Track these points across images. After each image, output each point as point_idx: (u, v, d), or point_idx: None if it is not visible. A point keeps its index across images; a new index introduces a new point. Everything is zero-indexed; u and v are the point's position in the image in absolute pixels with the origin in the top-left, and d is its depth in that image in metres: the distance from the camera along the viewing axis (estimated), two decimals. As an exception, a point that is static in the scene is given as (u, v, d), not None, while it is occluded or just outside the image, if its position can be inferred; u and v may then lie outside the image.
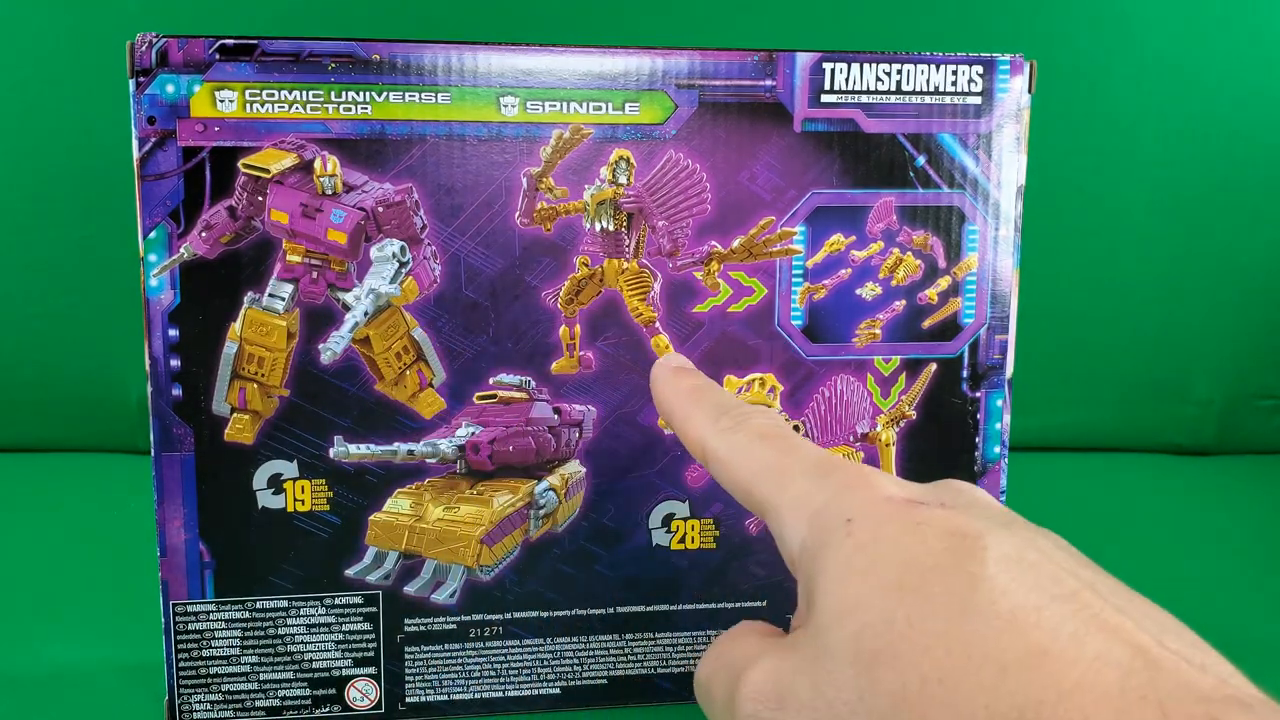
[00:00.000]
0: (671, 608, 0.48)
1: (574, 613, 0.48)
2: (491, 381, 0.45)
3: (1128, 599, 0.23)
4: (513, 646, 0.47)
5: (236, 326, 0.43)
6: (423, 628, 0.47)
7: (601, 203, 0.45)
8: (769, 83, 0.45)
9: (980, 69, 0.46)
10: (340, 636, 0.46)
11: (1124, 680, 0.20)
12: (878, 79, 0.45)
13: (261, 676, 0.46)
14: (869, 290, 0.47)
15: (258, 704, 0.46)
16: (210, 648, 0.45)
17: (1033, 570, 0.23)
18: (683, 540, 0.48)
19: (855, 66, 0.45)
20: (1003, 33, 0.80)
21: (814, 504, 0.26)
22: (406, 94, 0.43)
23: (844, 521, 0.25)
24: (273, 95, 0.42)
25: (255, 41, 0.42)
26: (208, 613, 0.45)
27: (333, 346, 0.44)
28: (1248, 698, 0.20)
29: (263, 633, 0.46)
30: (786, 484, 0.27)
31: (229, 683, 0.46)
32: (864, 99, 0.45)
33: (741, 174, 0.45)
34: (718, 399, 0.33)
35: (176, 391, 0.44)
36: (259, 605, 0.46)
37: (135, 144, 0.42)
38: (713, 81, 0.44)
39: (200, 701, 0.46)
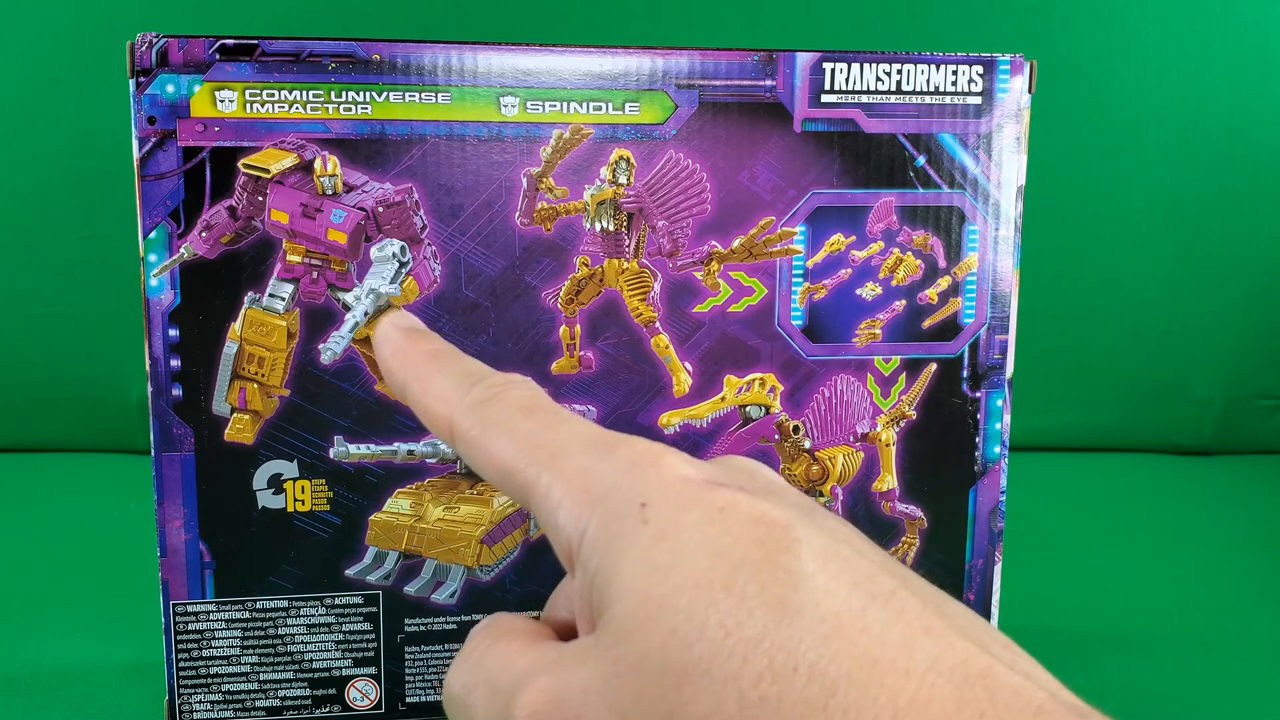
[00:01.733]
0: (671, 608, 0.48)
1: (574, 613, 0.48)
2: (491, 381, 0.45)
3: (942, 600, 0.21)
4: (513, 646, 0.47)
5: (236, 326, 0.43)
6: (423, 628, 0.47)
7: (601, 203, 0.45)
8: (769, 83, 0.45)
9: (980, 69, 0.46)
10: (340, 636, 0.46)
11: (960, 694, 0.18)
12: (878, 79, 0.45)
13: (261, 676, 0.46)
14: (869, 290, 0.47)
15: (258, 704, 0.46)
16: (210, 648, 0.45)
17: (849, 567, 0.20)
18: (683, 540, 0.48)
19: (855, 66, 0.45)
20: (1003, 33, 0.80)
21: (599, 484, 0.22)
22: (406, 94, 0.43)
23: (638, 506, 0.21)
24: (273, 95, 0.42)
25: (255, 41, 0.42)
26: (208, 613, 0.45)
27: (333, 346, 0.44)
28: (1080, 709, 0.19)
29: (263, 633, 0.46)
30: (559, 462, 0.23)
31: (229, 683, 0.46)
32: (864, 99, 0.45)
33: (741, 174, 0.45)
34: (464, 366, 0.28)
35: (176, 391, 0.44)
36: (259, 605, 0.46)
37: (135, 144, 0.42)
38: (713, 81, 0.44)
39: (200, 701, 0.46)
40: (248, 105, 0.42)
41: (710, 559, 0.20)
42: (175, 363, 0.43)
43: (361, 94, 0.43)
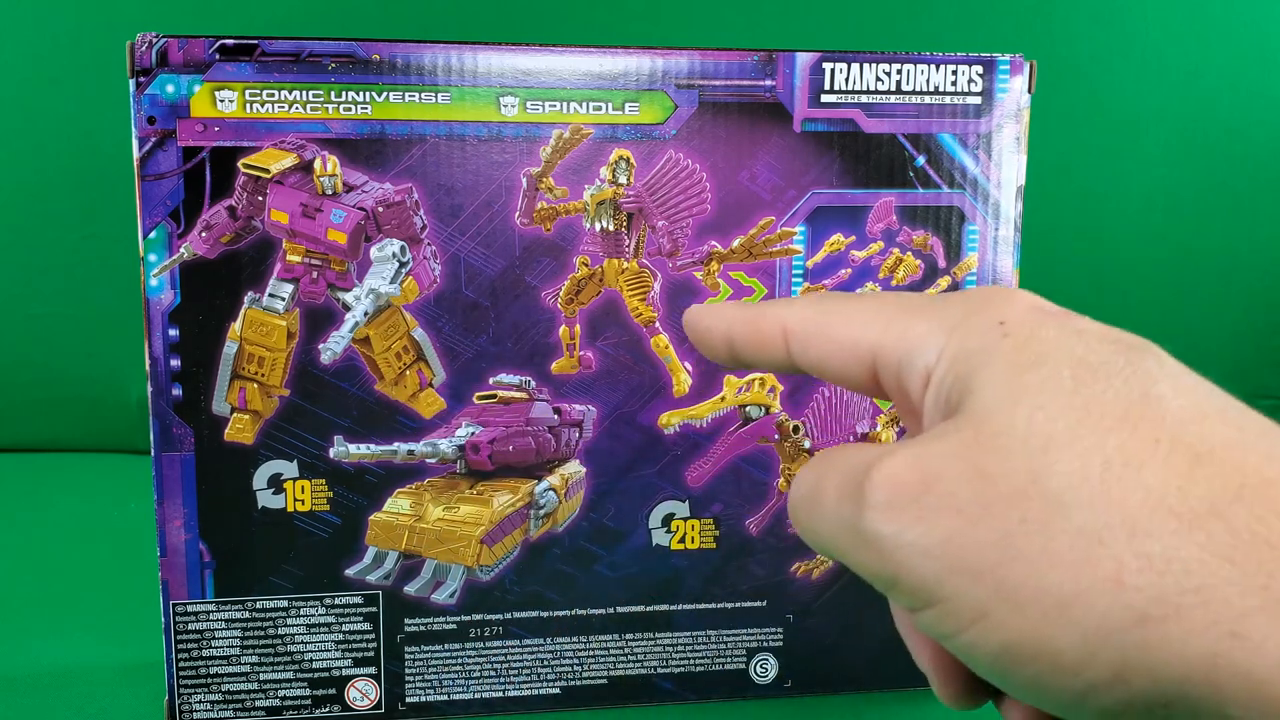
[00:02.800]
0: (671, 608, 0.48)
1: (574, 613, 0.48)
2: (491, 381, 0.45)
3: None
4: (513, 646, 0.47)
5: (236, 326, 0.43)
6: (423, 628, 0.47)
7: (601, 203, 0.45)
8: (769, 83, 0.45)
9: (980, 69, 0.46)
10: (340, 636, 0.46)
11: None
12: (878, 79, 0.45)
13: (261, 676, 0.46)
14: (869, 290, 0.47)
15: (258, 704, 0.46)
16: (210, 648, 0.45)
17: (1203, 384, 0.21)
18: (683, 540, 0.48)
19: (855, 66, 0.45)
20: (1003, 33, 0.80)
21: (950, 320, 0.23)
22: (406, 94, 0.43)
23: (996, 324, 0.22)
24: (273, 95, 0.42)
25: (255, 41, 0.42)
26: (208, 613, 0.45)
27: (333, 346, 0.44)
28: None
29: (263, 633, 0.46)
30: (907, 317, 0.24)
31: (229, 683, 0.46)
32: (864, 99, 0.45)
33: (741, 174, 0.45)
34: (784, 298, 0.28)
35: (176, 391, 0.44)
36: (259, 605, 0.45)
37: (135, 144, 0.42)
38: (713, 81, 0.44)
39: (200, 701, 0.46)
40: (248, 105, 0.42)
41: (1071, 360, 0.21)
42: (175, 363, 0.43)
43: (361, 94, 0.43)
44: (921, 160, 0.46)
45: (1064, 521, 0.19)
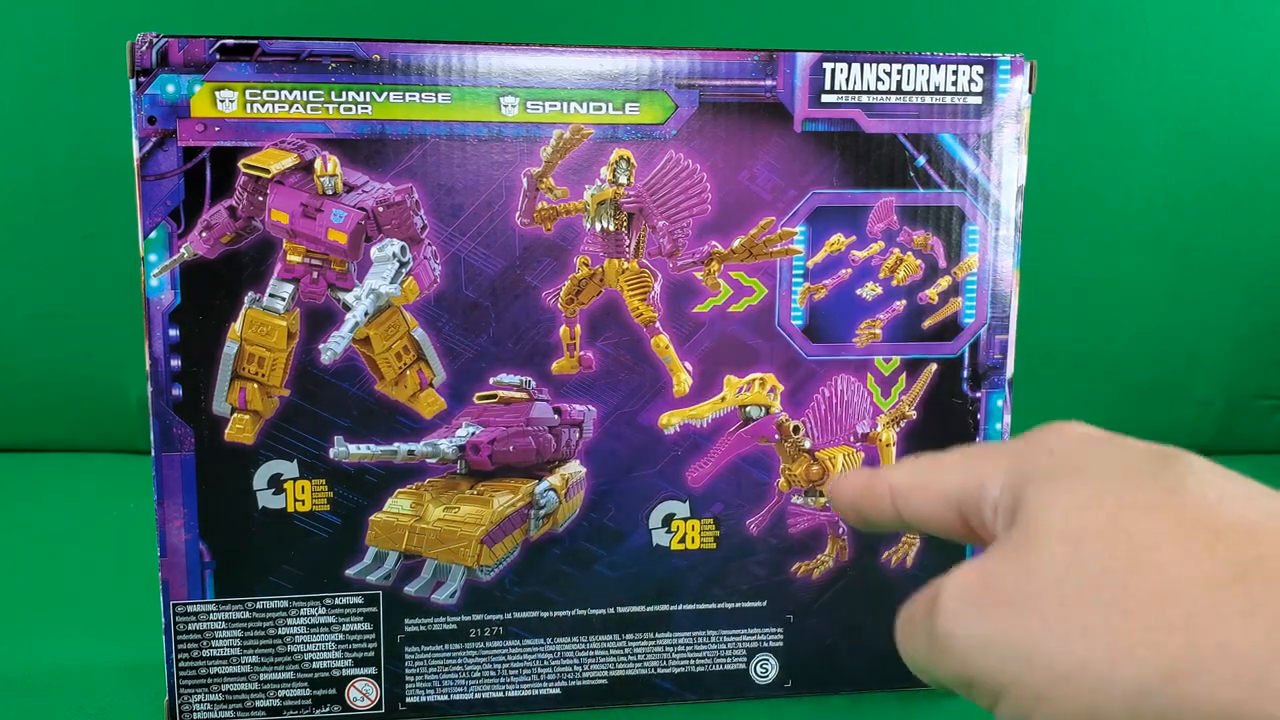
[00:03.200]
0: (671, 608, 0.48)
1: (574, 613, 0.48)
2: (491, 381, 0.45)
3: None
4: (513, 646, 0.47)
5: (237, 326, 0.43)
6: (423, 628, 0.47)
7: (602, 203, 0.45)
8: (769, 83, 0.45)
9: (980, 69, 0.46)
10: (340, 636, 0.46)
11: None
12: (878, 79, 0.45)
13: (261, 676, 0.46)
14: (869, 290, 0.47)
15: (258, 704, 0.46)
16: (210, 648, 0.45)
17: (1235, 479, 0.23)
18: (683, 540, 0.48)
19: (855, 66, 0.45)
20: (1003, 33, 0.80)
21: (1010, 454, 0.26)
22: (406, 94, 0.43)
23: (1046, 452, 0.25)
24: (273, 95, 0.42)
25: (255, 41, 0.42)
26: (208, 613, 0.45)
27: (333, 346, 0.44)
28: None
29: (263, 633, 0.46)
30: (978, 461, 0.27)
31: (229, 683, 0.46)
32: (864, 99, 0.45)
33: (741, 174, 0.45)
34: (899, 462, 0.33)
35: (176, 391, 0.44)
36: (259, 605, 0.45)
37: (135, 144, 0.42)
38: (713, 81, 0.44)
39: (200, 701, 0.46)
40: (248, 105, 0.42)
41: (1107, 466, 0.24)
42: (175, 363, 0.43)
43: (361, 94, 0.43)
44: (922, 160, 0.46)
45: (1097, 599, 0.21)
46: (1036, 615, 0.22)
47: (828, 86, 0.45)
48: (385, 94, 0.43)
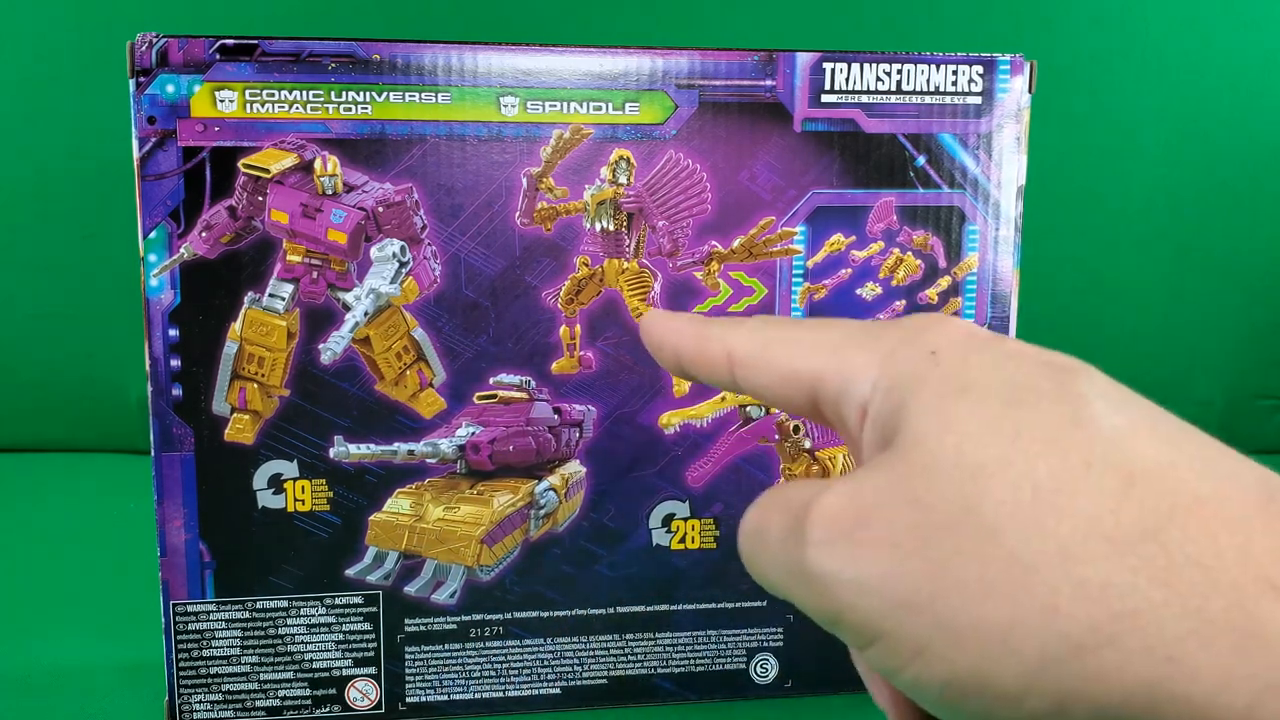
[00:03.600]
0: (671, 608, 0.48)
1: (574, 613, 0.48)
2: (491, 381, 0.45)
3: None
4: (513, 646, 0.47)
5: (236, 326, 0.43)
6: (423, 628, 0.47)
7: (601, 203, 0.45)
8: (769, 83, 0.45)
9: (980, 69, 0.46)
10: (340, 636, 0.46)
11: (1266, 496, 0.19)
12: (878, 79, 0.45)
13: (261, 676, 0.46)
14: (869, 290, 0.47)
15: (258, 704, 0.46)
16: (210, 648, 0.45)
17: (1136, 400, 0.21)
18: (683, 540, 0.48)
19: (855, 66, 0.45)
20: (1003, 33, 0.80)
21: (884, 349, 0.23)
22: (406, 94, 0.43)
23: (928, 354, 0.22)
24: (273, 95, 0.42)
25: (255, 41, 0.42)
26: (208, 613, 0.45)
27: (333, 346, 0.44)
28: None
29: (263, 633, 0.46)
30: (843, 348, 0.24)
31: (229, 683, 0.46)
32: (864, 99, 0.45)
33: (741, 174, 0.45)
34: (732, 319, 0.29)
35: (176, 391, 0.44)
36: (259, 605, 0.45)
37: (135, 144, 0.42)
38: (713, 81, 0.44)
39: (200, 701, 0.46)
40: (248, 105, 0.42)
41: (1002, 384, 0.21)
42: (175, 363, 0.43)
43: (361, 94, 0.43)
44: (922, 160, 0.46)
45: (997, 550, 0.19)
46: (927, 561, 0.19)
47: (828, 86, 0.45)
48: (385, 94, 0.43)
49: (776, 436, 0.47)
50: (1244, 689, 0.17)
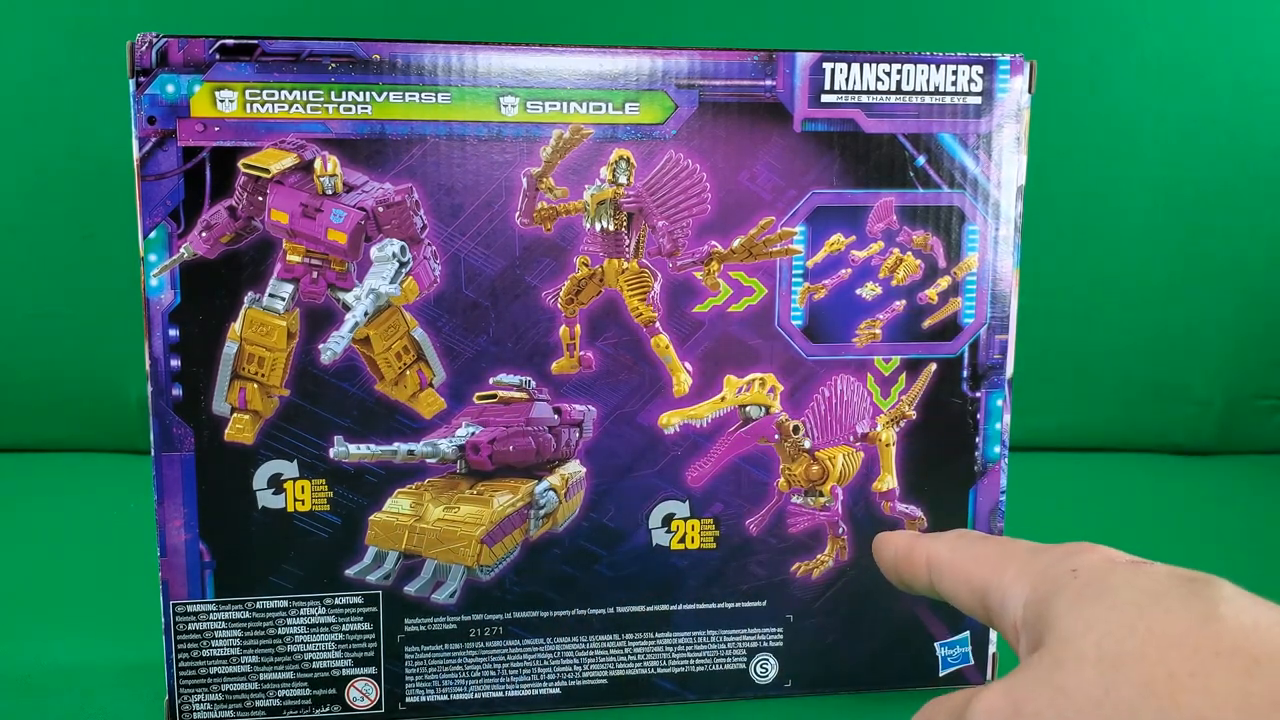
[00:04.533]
0: (671, 608, 0.48)
1: (574, 613, 0.48)
2: (491, 381, 0.45)
3: None
4: (513, 646, 0.47)
5: (236, 326, 0.43)
6: (423, 628, 0.47)
7: (601, 203, 0.45)
8: (769, 83, 0.45)
9: (980, 69, 0.46)
10: (340, 636, 0.46)
11: None
12: (878, 79, 0.45)
13: (261, 676, 0.46)
14: (869, 290, 0.47)
15: (258, 704, 0.46)
16: (210, 648, 0.45)
17: (1266, 606, 0.23)
18: (683, 540, 0.48)
19: (855, 66, 0.45)
20: (1003, 33, 0.80)
21: (1036, 569, 0.27)
22: (406, 94, 0.43)
23: (1069, 572, 0.26)
24: (273, 95, 0.42)
25: (255, 41, 0.42)
26: (208, 613, 0.45)
27: (333, 346, 0.44)
28: None
29: (263, 633, 0.46)
30: (1008, 564, 0.28)
31: (229, 683, 0.46)
32: (864, 99, 0.45)
33: (741, 174, 0.45)
34: (938, 535, 0.34)
35: (176, 391, 0.44)
36: (259, 605, 0.46)
37: (135, 144, 0.42)
38: (713, 81, 0.44)
39: (200, 701, 0.46)
40: (248, 105, 0.42)
41: (1136, 591, 0.24)
42: (175, 363, 0.43)
43: (361, 94, 0.43)
44: (922, 160, 0.46)
45: None
46: None
47: (827, 86, 0.45)
48: (385, 94, 0.43)
49: (776, 436, 0.47)
50: None
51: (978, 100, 0.46)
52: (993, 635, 0.50)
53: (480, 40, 0.43)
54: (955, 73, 0.46)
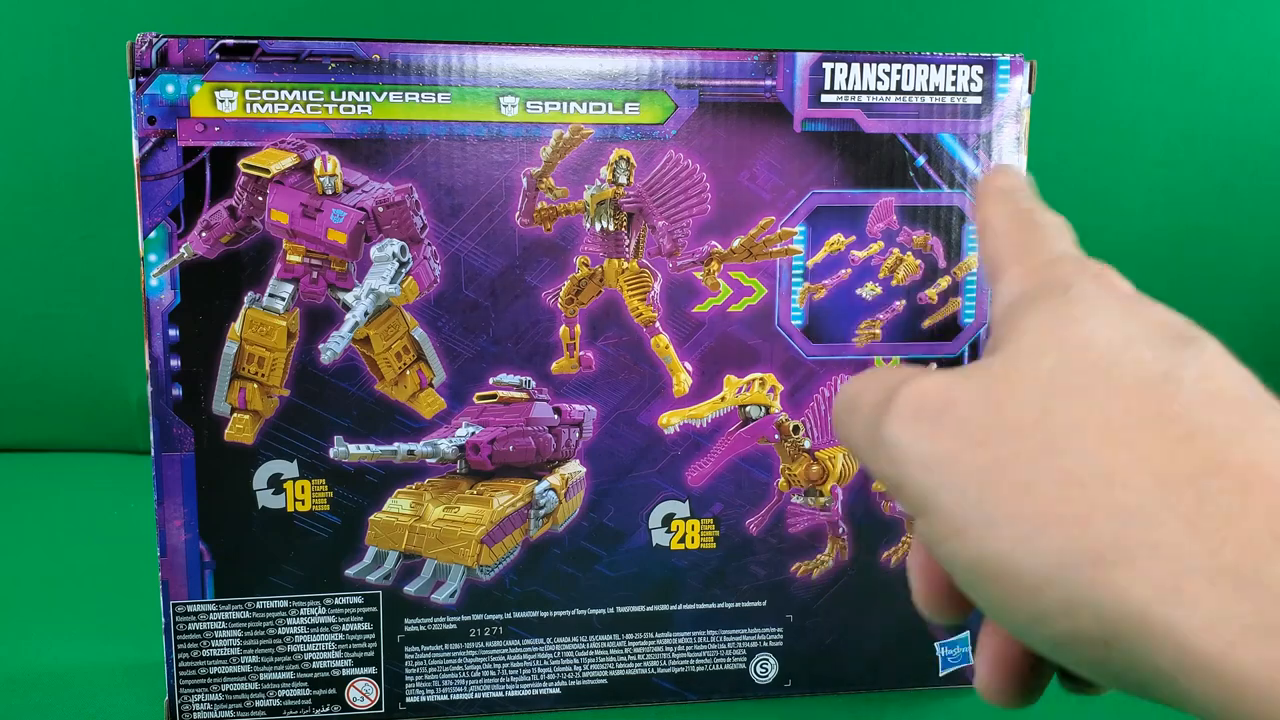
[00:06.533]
0: (671, 608, 0.48)
1: (574, 613, 0.48)
2: (491, 381, 0.45)
3: None
4: (513, 646, 0.47)
5: (236, 326, 0.43)
6: (423, 628, 0.47)
7: (601, 203, 0.45)
8: (769, 83, 0.45)
9: (980, 69, 0.46)
10: (340, 636, 0.46)
11: None
12: (878, 79, 0.45)
13: (261, 676, 0.46)
14: (869, 290, 0.47)
15: (258, 704, 0.46)
16: (210, 648, 0.45)
17: (1240, 377, 0.22)
18: (683, 540, 0.48)
19: (855, 66, 0.45)
20: (1003, 33, 0.80)
21: (1040, 274, 0.25)
22: (406, 94, 0.43)
23: (1063, 287, 0.24)
24: (273, 95, 0.42)
25: (255, 41, 0.42)
26: (208, 613, 0.45)
27: (333, 346, 0.44)
28: None
29: (263, 633, 0.46)
30: (1024, 258, 0.26)
31: (229, 683, 0.46)
32: (864, 99, 0.45)
33: (741, 174, 0.45)
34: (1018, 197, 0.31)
35: (176, 391, 0.44)
36: (259, 605, 0.45)
37: (135, 144, 0.42)
38: (713, 81, 0.44)
39: (200, 701, 0.46)
40: (248, 105, 0.42)
41: (1113, 329, 0.23)
42: (175, 363, 0.43)
43: (361, 94, 0.43)
44: (922, 160, 0.46)
45: (1052, 460, 0.21)
46: (987, 454, 0.21)
47: (827, 86, 0.45)
48: (385, 94, 0.43)
49: (776, 436, 0.47)
50: (1227, 629, 0.18)
51: (978, 100, 0.46)
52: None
53: (480, 40, 0.43)
54: (955, 73, 0.46)
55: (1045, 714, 0.31)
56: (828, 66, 0.45)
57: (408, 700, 0.47)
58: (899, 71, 0.45)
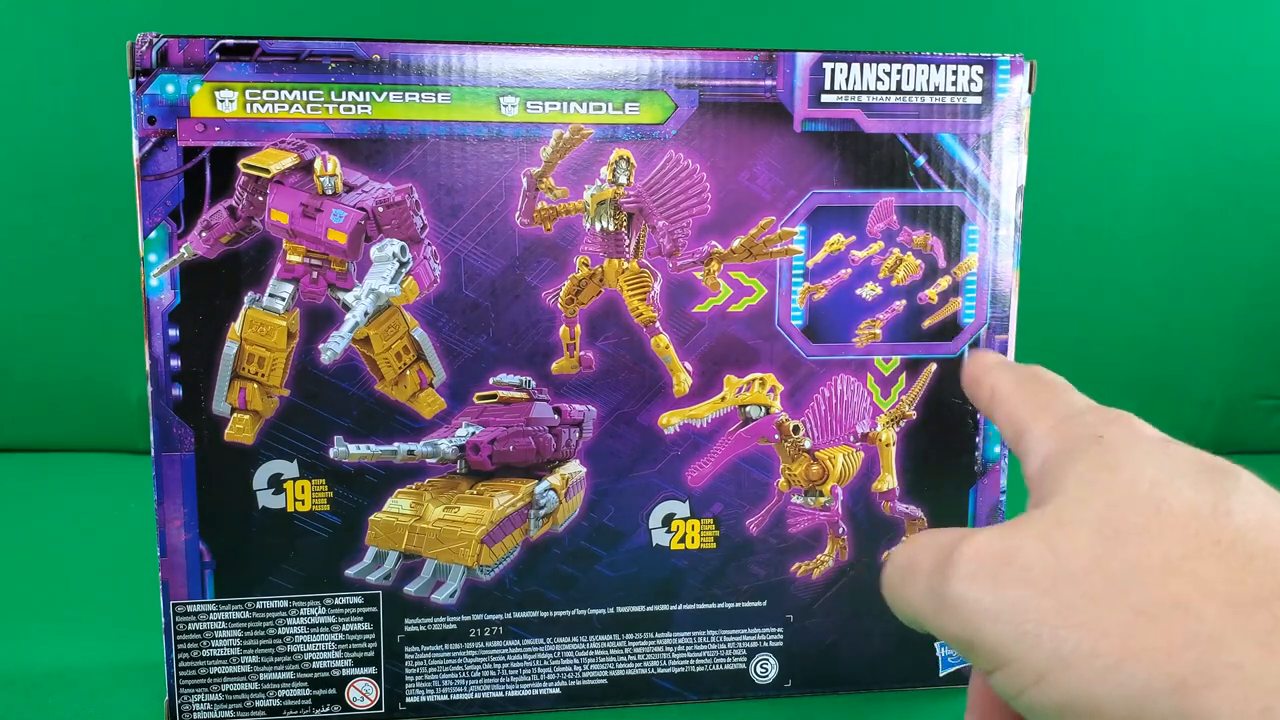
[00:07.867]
0: (671, 608, 0.48)
1: (574, 613, 0.48)
2: (491, 381, 0.45)
3: None
4: (513, 646, 0.47)
5: (236, 326, 0.43)
6: (423, 628, 0.47)
7: (601, 203, 0.45)
8: (769, 83, 0.45)
9: (980, 69, 0.46)
10: (340, 636, 0.46)
11: None
12: (878, 79, 0.45)
13: (261, 676, 0.46)
14: (869, 290, 0.47)
15: (258, 704, 0.46)
16: (210, 648, 0.45)
17: (1277, 499, 0.23)
18: (683, 540, 0.48)
19: (855, 66, 0.45)
20: (1003, 33, 0.80)
21: (1067, 428, 0.26)
22: (406, 94, 0.43)
23: (1095, 437, 0.25)
24: (273, 95, 0.42)
25: (255, 41, 0.42)
26: (208, 613, 0.45)
27: (333, 346, 0.44)
28: None
29: (263, 633, 0.46)
30: (1047, 417, 0.27)
31: (229, 683, 0.46)
32: (864, 99, 0.45)
33: (741, 174, 0.45)
34: (1015, 365, 0.32)
35: (176, 391, 0.44)
36: (259, 605, 0.45)
37: (135, 144, 0.42)
38: (713, 81, 0.44)
39: (200, 701, 0.46)
40: (248, 105, 0.42)
41: (1154, 469, 0.24)
42: (175, 363, 0.43)
43: (361, 94, 0.43)
44: (922, 160, 0.46)
45: (1121, 599, 0.22)
46: (1056, 599, 0.22)
47: (827, 86, 0.45)
48: (385, 94, 0.43)
49: (776, 436, 0.47)
50: None
51: (978, 100, 0.46)
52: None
53: (480, 40, 0.43)
54: (955, 73, 0.46)
55: None
56: (828, 66, 0.45)
57: (408, 700, 0.47)
58: (899, 71, 0.45)
